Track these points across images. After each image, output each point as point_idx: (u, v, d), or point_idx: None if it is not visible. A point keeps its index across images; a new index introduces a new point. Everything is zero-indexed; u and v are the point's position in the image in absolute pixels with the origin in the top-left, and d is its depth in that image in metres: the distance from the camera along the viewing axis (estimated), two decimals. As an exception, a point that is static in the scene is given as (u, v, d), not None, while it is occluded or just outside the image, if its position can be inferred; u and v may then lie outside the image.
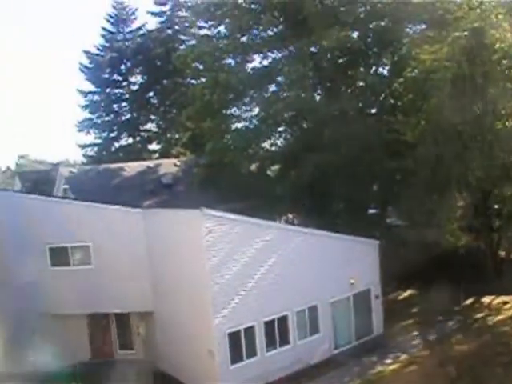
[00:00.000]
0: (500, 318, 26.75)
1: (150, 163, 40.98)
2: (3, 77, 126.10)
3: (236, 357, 20.92)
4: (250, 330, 21.30)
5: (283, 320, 22.33)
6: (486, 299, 29.03)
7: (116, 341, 25.96)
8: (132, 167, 38.39)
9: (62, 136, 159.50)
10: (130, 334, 25.71)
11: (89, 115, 51.43)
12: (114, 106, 52.16)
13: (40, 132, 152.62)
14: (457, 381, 20.53)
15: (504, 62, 24.80)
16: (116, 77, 52.15)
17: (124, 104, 52.66)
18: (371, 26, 31.08)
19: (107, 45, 51.37)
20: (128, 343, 25.77)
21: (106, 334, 25.92)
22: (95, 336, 25.91)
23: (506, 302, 28.40)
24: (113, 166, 39.28)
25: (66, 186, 35.38)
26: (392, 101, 31.34)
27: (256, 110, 34.49)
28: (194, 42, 40.52)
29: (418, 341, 25.06)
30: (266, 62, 33.99)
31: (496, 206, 31.46)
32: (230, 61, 34.41)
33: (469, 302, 29.10)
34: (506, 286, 28.63)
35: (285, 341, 22.46)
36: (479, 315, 27.44)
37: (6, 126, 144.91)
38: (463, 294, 28.93)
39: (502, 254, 32.65)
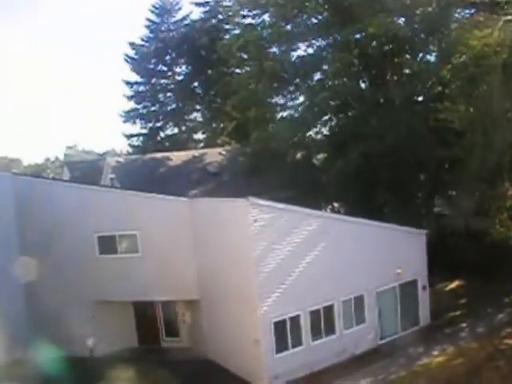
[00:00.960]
0: (552, 310, 26.02)
1: (196, 152, 41.32)
2: (51, 69, 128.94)
3: (281, 346, 20.94)
4: (295, 319, 21.29)
5: (329, 309, 22.23)
6: (538, 291, 28.25)
7: (162, 328, 26.32)
8: (178, 156, 38.78)
9: (108, 126, 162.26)
10: (175, 321, 26.02)
11: (134, 105, 52.22)
12: (160, 96, 52.75)
13: (87, 123, 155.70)
14: (508, 376, 19.99)
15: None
16: (161, 67, 52.73)
17: (169, 94, 53.17)
18: (418, 12, 30.43)
19: (152, 36, 51.91)
20: (174, 331, 26.10)
21: (153, 321, 26.28)
22: (142, 323, 26.31)
23: (558, 294, 27.61)
24: (158, 155, 39.75)
25: (113, 176, 35.96)
26: (439, 88, 30.67)
27: (301, 99, 34.34)
28: (238, 31, 40.45)
29: (466, 333, 24.53)
30: (310, 50, 33.76)
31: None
32: (274, 49, 34.30)
33: (520, 293, 28.40)
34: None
35: (330, 330, 22.37)
36: (530, 308, 26.74)
37: (55, 117, 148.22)
38: (513, 285, 28.26)
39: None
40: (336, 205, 36.97)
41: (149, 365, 22.51)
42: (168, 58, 52.39)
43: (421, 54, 32.16)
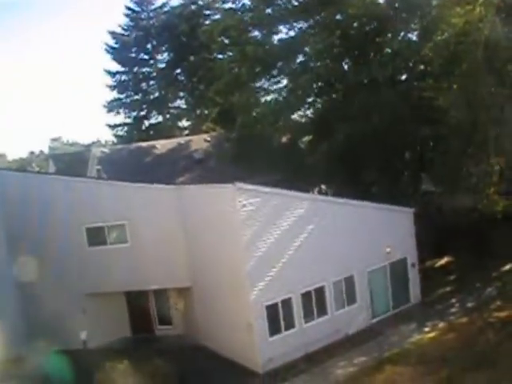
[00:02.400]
0: (540, 283, 26.34)
1: (181, 140, 41.15)
2: (31, 61, 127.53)
3: (274, 329, 21.10)
4: (287, 302, 21.42)
5: (320, 291, 22.40)
6: (525, 265, 28.58)
7: (155, 317, 26.38)
8: (163, 145, 38.62)
9: (92, 117, 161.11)
10: (168, 309, 26.09)
11: (117, 95, 51.78)
12: (142, 84, 52.39)
13: (71, 115, 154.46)
14: (497, 347, 20.27)
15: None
16: (142, 55, 52.28)
17: (152, 82, 52.80)
18: (398, -10, 30.38)
19: (132, 24, 51.36)
20: (167, 319, 26.16)
21: (146, 310, 26.33)
22: (135, 313, 26.33)
23: (545, 267, 27.95)
24: (144, 144, 39.57)
25: (99, 167, 35.76)
26: (422, 66, 30.69)
27: (284, 82, 34.25)
28: (218, 16, 40.19)
29: (457, 308, 24.82)
30: (292, 33, 33.59)
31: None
32: (256, 33, 34.14)
33: (507, 267, 28.63)
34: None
35: (322, 312, 22.54)
36: (518, 281, 27.04)
37: (38, 110, 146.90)
38: (501, 259, 28.52)
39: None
40: (323, 187, 37.06)
41: (142, 354, 22.48)
42: (149, 45, 51.96)
43: (402, 33, 32.07)
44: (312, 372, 20.50)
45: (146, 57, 52.44)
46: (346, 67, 33.32)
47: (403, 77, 32.56)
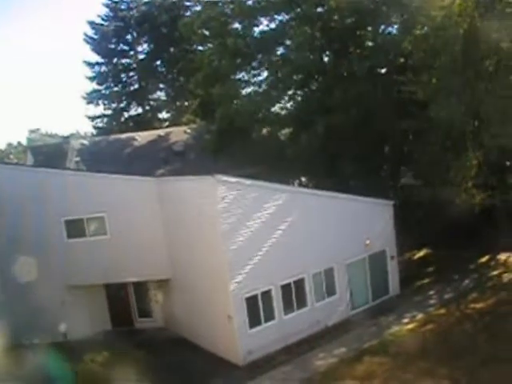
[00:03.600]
0: (515, 274, 26.72)
1: (161, 132, 41.01)
2: (7, 51, 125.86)
3: (254, 321, 21.12)
4: (267, 294, 21.46)
5: (300, 283, 22.47)
6: (502, 256, 28.90)
7: (135, 309, 26.30)
8: (143, 136, 38.45)
9: (71, 109, 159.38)
10: (148, 302, 26.04)
11: (97, 86, 51.45)
12: (122, 76, 52.11)
13: (49, 106, 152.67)
14: (474, 338, 20.60)
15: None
16: (122, 46, 52.01)
17: (131, 74, 52.55)
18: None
19: (111, 14, 50.94)
20: (147, 311, 26.12)
21: (125, 303, 26.22)
22: (114, 305, 26.22)
23: (521, 259, 28.35)
24: (123, 136, 39.38)
25: (78, 159, 35.48)
26: (402, 60, 30.85)
27: (265, 74, 34.18)
28: (199, 7, 39.95)
29: (435, 300, 25.08)
30: (273, 25, 33.52)
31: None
32: (236, 25, 33.97)
33: (484, 259, 29.03)
34: (522, 243, 28.52)
35: (302, 303, 22.63)
36: (494, 272, 27.33)
37: (16, 101, 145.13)
38: (479, 251, 28.89)
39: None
40: (303, 179, 37.13)
41: (122, 347, 22.44)
42: (129, 36, 51.66)
43: (383, 27, 32.25)
44: (292, 363, 20.55)
45: (125, 48, 52.17)
46: (326, 60, 33.37)
47: (383, 70, 32.70)
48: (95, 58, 51.17)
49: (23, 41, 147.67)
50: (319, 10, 31.32)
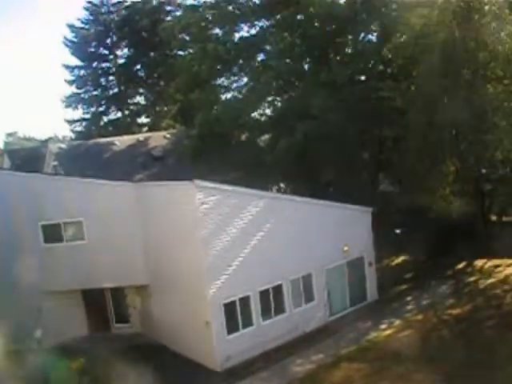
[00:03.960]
0: (491, 281, 26.93)
1: (140, 136, 40.78)
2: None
3: (232, 327, 21.02)
4: (245, 300, 21.38)
5: (278, 289, 22.43)
6: (478, 263, 29.19)
7: (112, 315, 26.05)
8: (122, 141, 38.19)
9: (50, 112, 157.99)
10: (126, 307, 25.77)
11: (76, 90, 50.99)
12: (101, 80, 51.75)
13: (27, 109, 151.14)
14: (450, 344, 20.82)
15: (493, 24, 24.64)
16: (102, 50, 51.63)
17: (111, 78, 52.22)
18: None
19: (92, 18, 50.61)
20: (125, 317, 25.84)
21: (102, 308, 25.92)
22: (91, 311, 25.90)
23: (496, 265, 28.61)
24: (102, 140, 39.09)
25: (56, 163, 35.14)
26: (381, 67, 31.15)
27: (245, 80, 34.29)
28: (180, 12, 39.94)
29: (412, 306, 25.21)
30: (253, 31, 33.72)
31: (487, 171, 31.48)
32: (217, 31, 34.07)
33: (461, 265, 29.30)
34: (497, 249, 28.82)
35: (280, 309, 22.59)
36: (471, 279, 27.62)
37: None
38: (456, 258, 29.15)
39: (493, 217, 32.83)
40: (282, 185, 37.21)
41: (98, 353, 22.20)
42: (109, 40, 51.32)
43: (363, 34, 32.53)
44: (270, 370, 20.47)
45: (105, 52, 51.81)
46: (306, 66, 33.54)
47: (363, 77, 32.93)
48: (75, 61, 50.84)
49: (1, 41, 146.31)
50: (299, 16, 31.47)
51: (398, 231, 30.00)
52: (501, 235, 29.86)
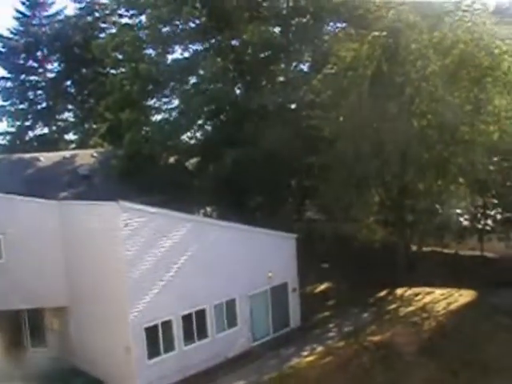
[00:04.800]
0: (411, 308, 27.57)
1: (67, 154, 39.69)
2: None
3: (153, 351, 20.65)
4: (167, 324, 21.07)
5: (201, 313, 22.22)
6: (399, 291, 29.84)
7: (28, 338, 25.02)
8: (47, 157, 37.09)
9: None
10: (43, 330, 24.85)
11: (1, 102, 49.45)
12: (29, 93, 50.37)
13: None
14: (370, 370, 21.19)
15: (419, 62, 25.59)
16: (31, 63, 50.30)
17: (39, 92, 50.90)
18: (293, 22, 31.38)
19: (22, 29, 49.35)
20: (41, 340, 24.86)
21: (17, 331, 24.89)
22: (4, 333, 24.72)
23: (416, 294, 29.33)
24: (27, 155, 37.81)
25: (-25, 177, 33.75)
26: (311, 96, 31.70)
27: (176, 102, 34.23)
28: (114, 30, 39.58)
29: (334, 333, 25.47)
30: (187, 54, 33.84)
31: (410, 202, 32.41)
32: (150, 51, 33.93)
33: (383, 293, 29.87)
34: (417, 278, 29.66)
35: (203, 334, 22.39)
36: (392, 306, 28.17)
37: None
38: (378, 286, 29.73)
39: (414, 247, 33.80)
40: (209, 209, 37.08)
41: (11, 379, 21.25)
42: (39, 53, 50.09)
43: (295, 63, 33.12)
44: (189, 396, 20.26)
45: (34, 65, 50.47)
46: (238, 92, 33.79)
47: (293, 105, 33.44)
48: (1, 72, 49.36)
49: None
50: (233, 42, 31.77)
51: (325, 265, 30.46)
52: (420, 264, 30.77)
